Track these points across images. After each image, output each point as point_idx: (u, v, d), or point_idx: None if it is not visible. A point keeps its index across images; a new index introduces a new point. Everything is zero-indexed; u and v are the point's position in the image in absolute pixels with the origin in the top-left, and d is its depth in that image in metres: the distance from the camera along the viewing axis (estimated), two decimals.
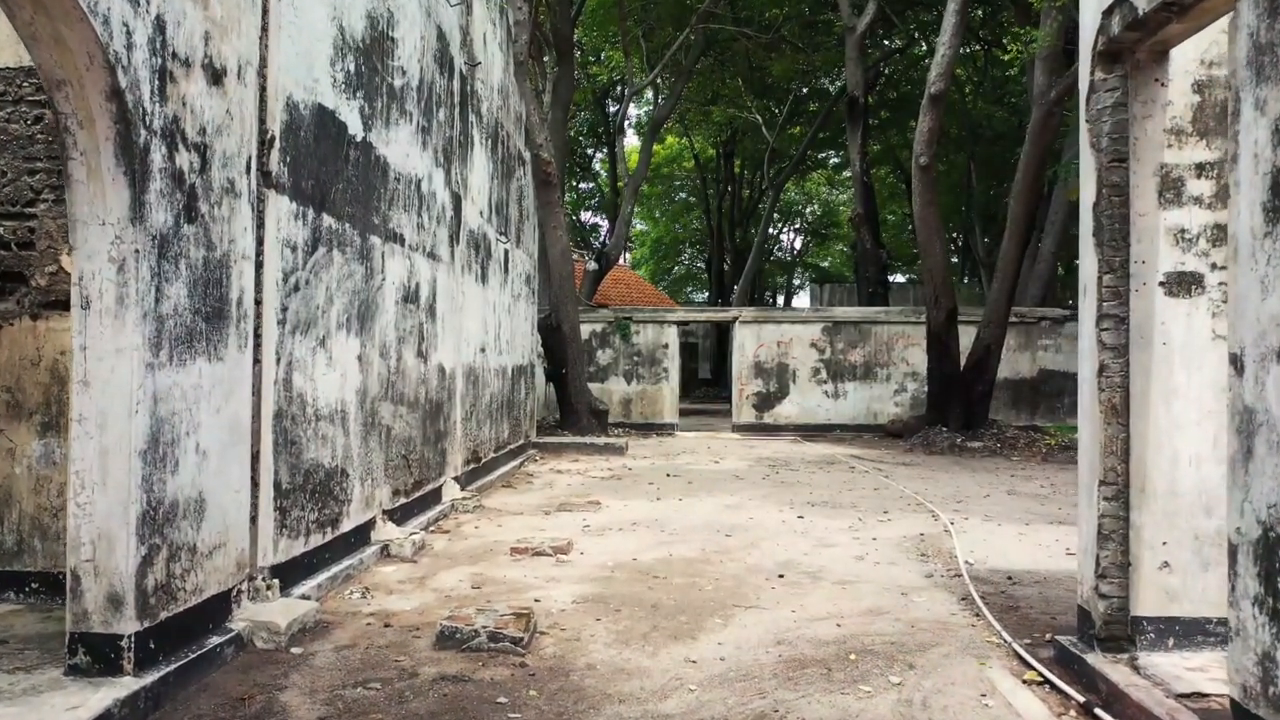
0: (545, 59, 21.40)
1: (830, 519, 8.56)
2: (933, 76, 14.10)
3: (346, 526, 6.28)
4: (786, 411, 18.48)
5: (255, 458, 4.96)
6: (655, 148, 39.35)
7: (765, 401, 18.54)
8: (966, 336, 15.94)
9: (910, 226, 39.36)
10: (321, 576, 5.66)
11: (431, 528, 8.00)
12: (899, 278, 42.01)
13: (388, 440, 7.18)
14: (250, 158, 4.83)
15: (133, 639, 3.82)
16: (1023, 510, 9.04)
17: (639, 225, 49.65)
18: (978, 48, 29.87)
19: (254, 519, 4.95)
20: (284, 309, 5.26)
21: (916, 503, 9.49)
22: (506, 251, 12.06)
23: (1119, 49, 4.20)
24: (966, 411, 15.34)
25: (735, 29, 21.91)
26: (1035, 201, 14.46)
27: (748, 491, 10.31)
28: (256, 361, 4.96)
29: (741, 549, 7.20)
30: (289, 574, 5.31)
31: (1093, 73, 4.32)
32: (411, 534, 7.04)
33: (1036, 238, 19.09)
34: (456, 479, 9.33)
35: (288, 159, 5.29)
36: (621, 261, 40.88)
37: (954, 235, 35.95)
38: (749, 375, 18.57)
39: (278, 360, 5.18)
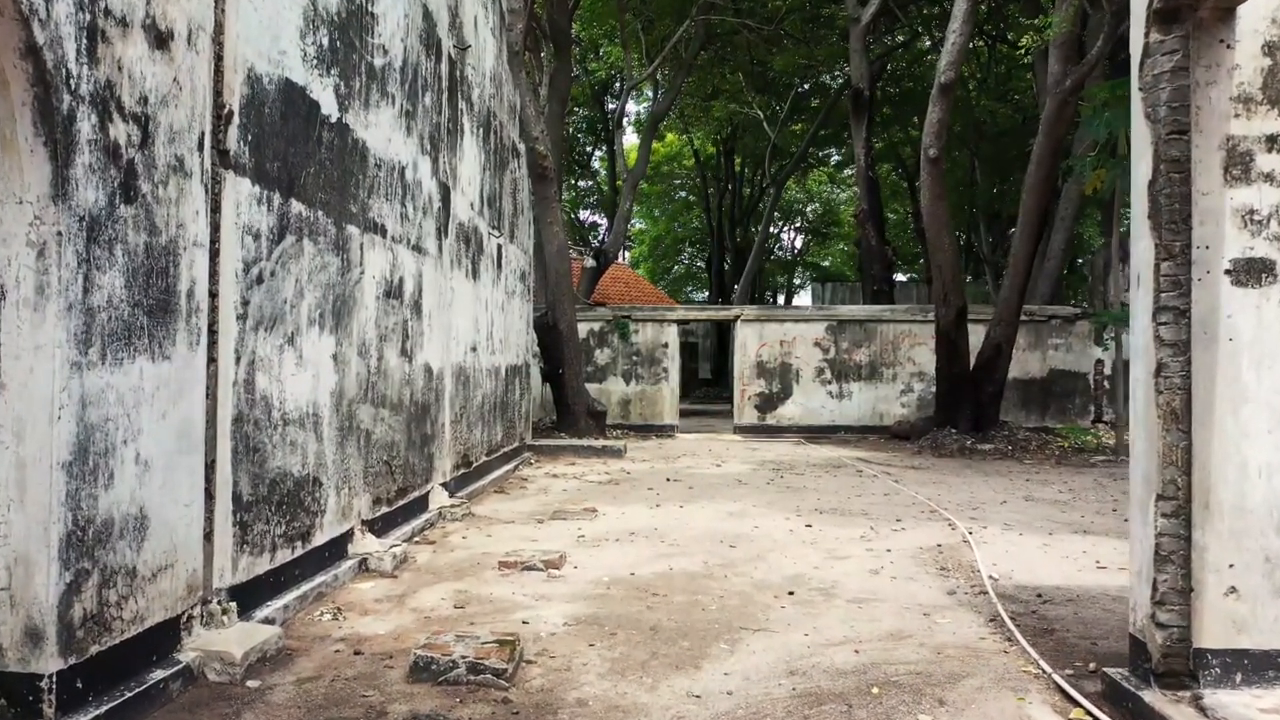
0: (543, 54, 20.92)
1: (840, 528, 8.07)
2: (943, 65, 13.60)
3: (319, 540, 5.78)
4: (790, 413, 17.99)
5: (210, 467, 4.46)
6: (655, 146, 38.87)
7: (768, 402, 18.05)
8: (975, 335, 15.46)
9: (912, 225, 38.94)
10: (289, 596, 5.17)
11: (416, 538, 7.51)
12: (900, 276, 41.50)
13: (367, 445, 6.69)
14: (204, 134, 4.34)
15: (54, 678, 3.32)
16: (1043, 518, 8.55)
17: (638, 224, 49.22)
18: (981, 43, 29.39)
19: (209, 535, 4.46)
20: (245, 303, 4.77)
21: (930, 510, 8.99)
22: (499, 246, 11.57)
23: (1178, 6, 3.71)
24: (976, 412, 14.85)
25: (736, 20, 21.42)
26: (1049, 196, 13.98)
27: (752, 498, 9.82)
28: (212, 360, 4.46)
29: (747, 562, 6.71)
30: (251, 595, 4.81)
31: (1147, 34, 3.83)
32: (392, 546, 6.55)
33: (1046, 234, 18.59)
34: (445, 485, 8.84)
35: (249, 137, 4.79)
36: (621, 260, 40.43)
37: (957, 233, 35.42)
38: (751, 375, 18.08)
39: (237, 359, 4.69)
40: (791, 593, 5.83)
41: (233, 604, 4.53)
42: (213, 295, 4.47)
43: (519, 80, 13.62)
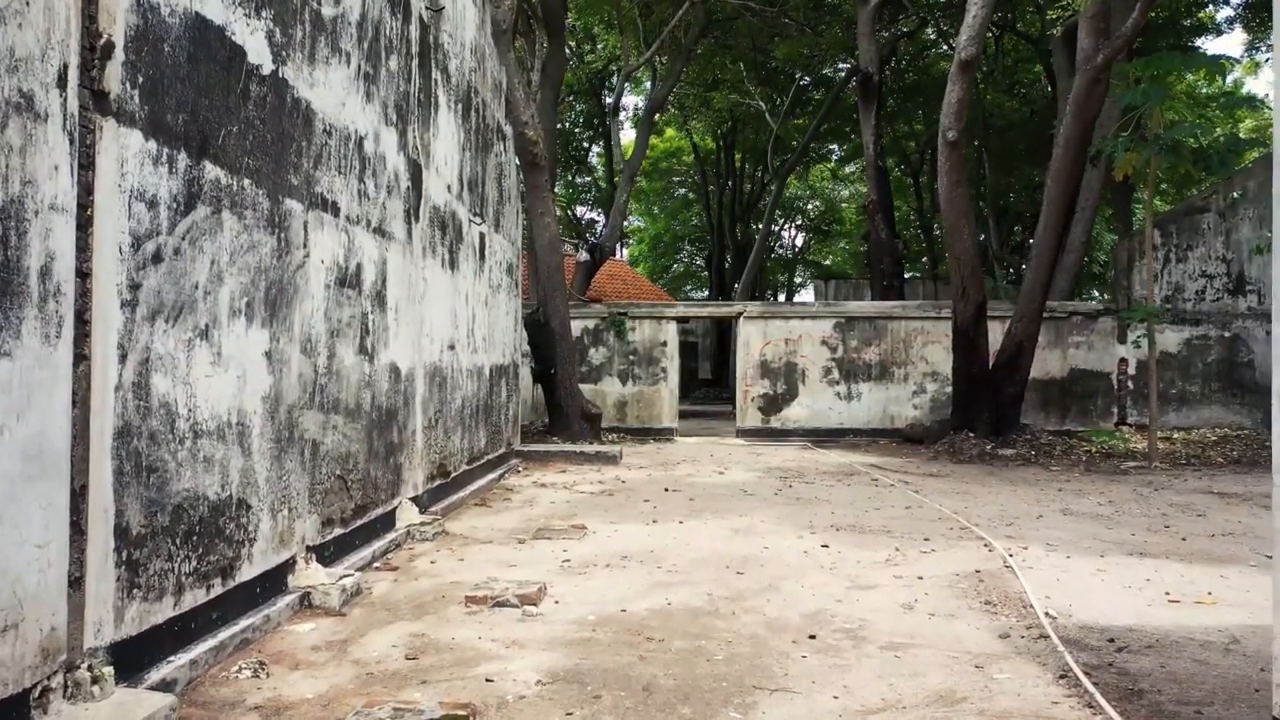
0: (535, 38, 19.97)
1: (861, 549, 7.11)
2: (963, 40, 12.63)
3: (247, 574, 4.82)
4: (795, 415, 17.03)
5: (80, 494, 3.50)
6: (654, 141, 37.91)
7: (772, 404, 17.10)
8: (992, 333, 14.50)
9: (917, 222, 37.96)
10: (199, 649, 4.21)
11: (377, 563, 6.55)
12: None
13: (314, 458, 5.73)
14: (66, 67, 3.38)
15: None
16: (1089, 536, 7.59)
17: (637, 222, 48.35)
18: (989, 34, 28.45)
19: (78, 581, 3.49)
20: (134, 286, 3.81)
21: (960, 526, 8.04)
22: (482, 235, 10.61)
23: None
24: (996, 415, 13.89)
25: (738, 2, 20.45)
26: (1077, 181, 13.02)
27: (759, 511, 8.86)
28: (82, 358, 3.50)
29: (757, 593, 5.75)
30: (143, 652, 3.85)
31: None
32: (343, 577, 5.59)
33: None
34: (416, 499, 7.88)
35: (140, 79, 3.83)
36: (619, 257, 39.50)
37: None
38: (754, 376, 17.13)
39: (122, 357, 3.73)
40: (813, 636, 4.87)
41: (109, 669, 3.56)
42: (84, 275, 3.51)
43: (506, 59, 12.68)
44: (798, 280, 51.03)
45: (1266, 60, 30.42)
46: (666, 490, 10.29)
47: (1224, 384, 16.67)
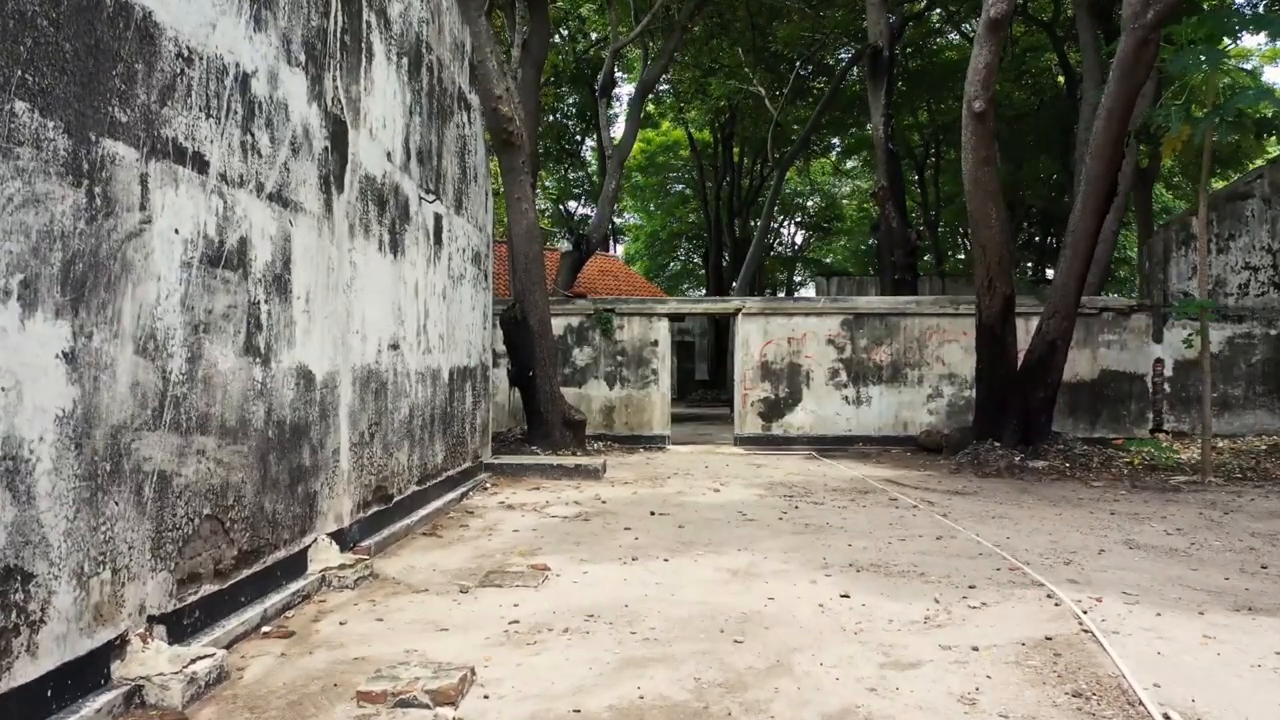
0: (519, 22, 18.48)
1: (892, 599, 5.63)
2: None
3: (24, 675, 3.34)
4: (799, 421, 15.54)
5: None
6: (649, 134, 36.42)
7: (774, 409, 15.61)
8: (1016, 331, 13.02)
9: (921, 219, 36.44)
10: None
11: (269, 626, 5.06)
12: None
13: (163, 496, 4.24)
14: None
15: None
16: (1173, 581, 6.11)
17: (632, 219, 46.89)
18: None
19: None
20: None
21: (1009, 566, 6.55)
22: (439, 216, 9.12)
23: None
24: (1024, 422, 12.40)
25: None
26: (1120, 158, 11.52)
27: (762, 543, 7.37)
28: None
29: (761, 677, 4.26)
30: None
31: None
32: (198, 658, 4.10)
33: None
34: (339, 534, 6.40)
35: None
36: (613, 253, 38.03)
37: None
38: (754, 378, 15.64)
39: None
40: None
41: None
42: None
43: (475, 22, 11.20)
44: (798, 278, 49.57)
45: None
46: (653, 514, 8.81)
47: (1270, 386, 15.18)
